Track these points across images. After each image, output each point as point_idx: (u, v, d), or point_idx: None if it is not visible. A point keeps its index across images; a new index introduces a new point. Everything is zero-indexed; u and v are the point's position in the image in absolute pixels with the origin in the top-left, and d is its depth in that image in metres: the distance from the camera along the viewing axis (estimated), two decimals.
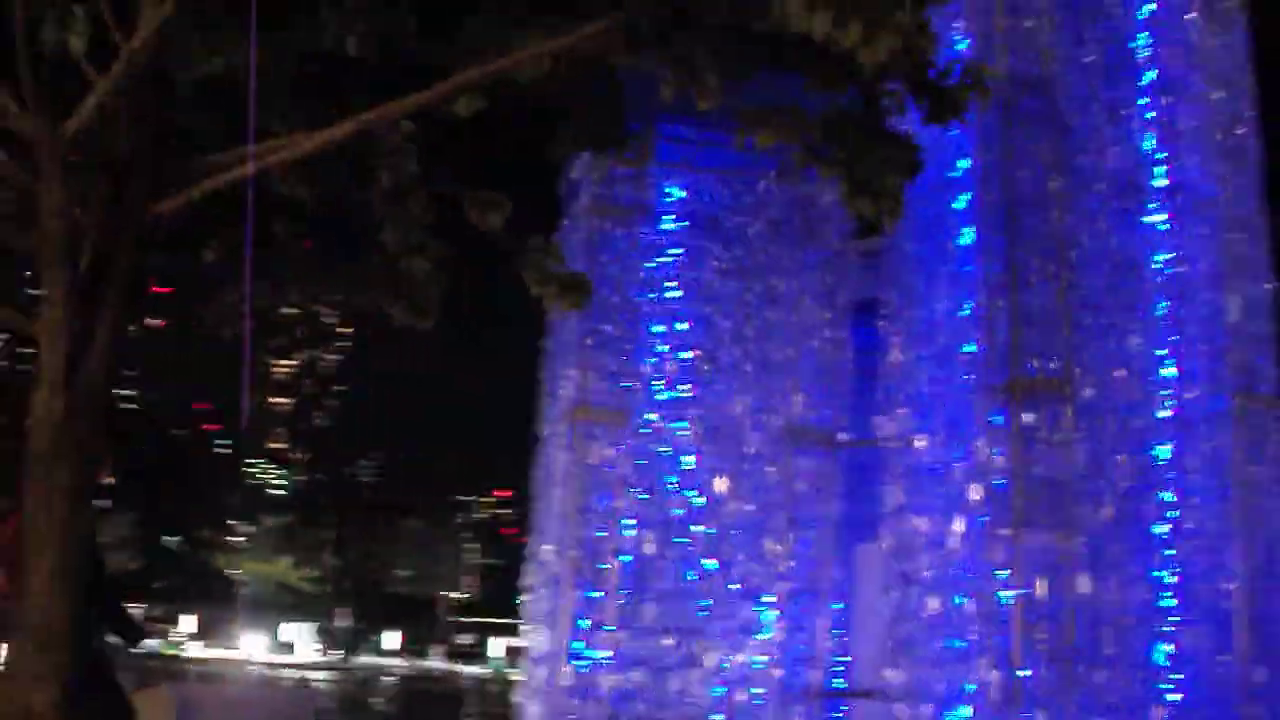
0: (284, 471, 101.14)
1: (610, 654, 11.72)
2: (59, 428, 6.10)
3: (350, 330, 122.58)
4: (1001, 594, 10.05)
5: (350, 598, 64.25)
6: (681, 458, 12.19)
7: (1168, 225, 10.53)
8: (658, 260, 12.37)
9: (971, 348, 10.67)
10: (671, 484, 12.10)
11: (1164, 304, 10.47)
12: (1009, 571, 10.05)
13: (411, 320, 8.13)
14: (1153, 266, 10.52)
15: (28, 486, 6.07)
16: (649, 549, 11.91)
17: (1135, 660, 10.03)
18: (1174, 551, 10.13)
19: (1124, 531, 10.14)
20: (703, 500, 12.10)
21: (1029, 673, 9.91)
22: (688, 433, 12.19)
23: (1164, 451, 10.26)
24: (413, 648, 66.57)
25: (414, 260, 7.93)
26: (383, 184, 7.89)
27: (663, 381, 12.26)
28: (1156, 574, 10.11)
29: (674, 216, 12.52)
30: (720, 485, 12.09)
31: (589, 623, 11.67)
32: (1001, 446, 10.24)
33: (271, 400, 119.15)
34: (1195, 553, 10.14)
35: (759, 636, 12.00)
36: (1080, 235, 10.55)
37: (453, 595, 79.19)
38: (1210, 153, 10.70)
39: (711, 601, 11.96)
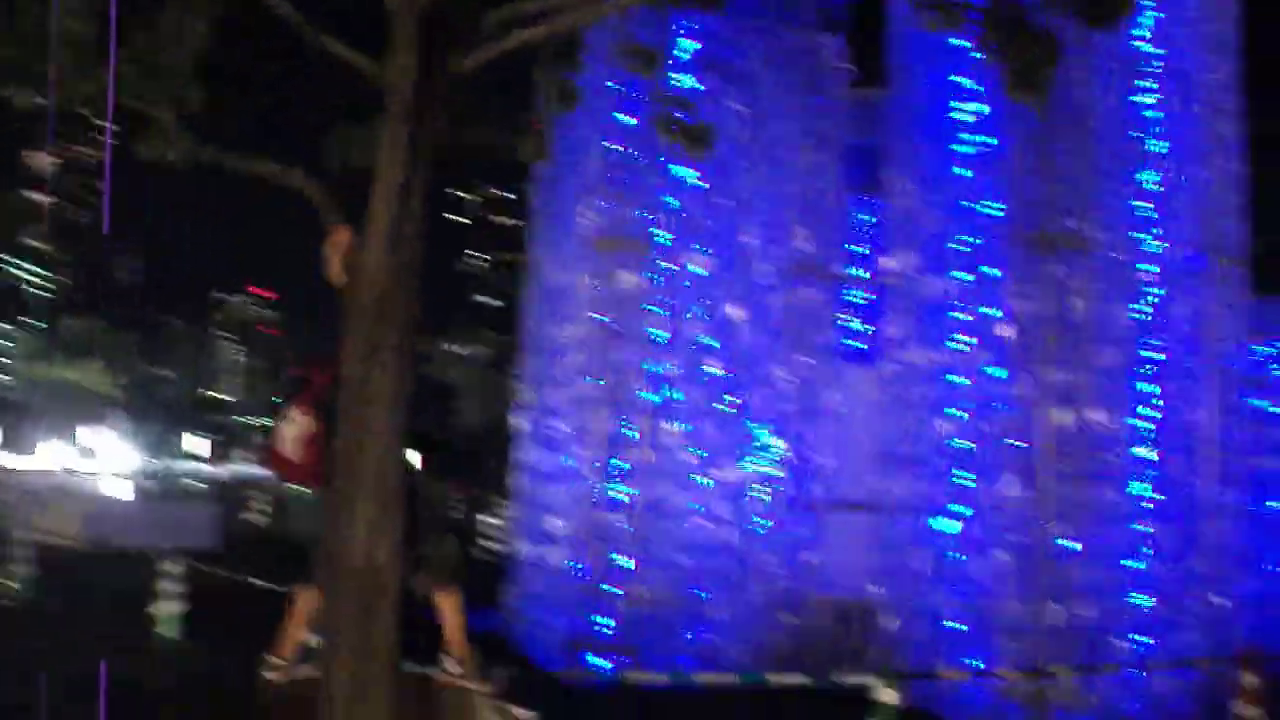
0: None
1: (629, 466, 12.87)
2: (390, 287, 6.57)
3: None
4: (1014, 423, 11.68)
5: (153, 402, 62.45)
6: (697, 285, 13.16)
7: (1156, 103, 12.07)
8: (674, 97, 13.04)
9: (993, 204, 11.98)
10: (692, 312, 13.07)
11: (1155, 175, 12.05)
12: (1033, 402, 11.69)
13: None
14: (1148, 142, 12.07)
15: (351, 344, 6.50)
16: (674, 370, 12.95)
17: (1122, 473, 11.82)
18: (1158, 388, 11.90)
19: (1120, 371, 11.79)
20: (715, 327, 13.15)
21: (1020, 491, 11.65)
22: (703, 262, 13.13)
23: (1151, 303, 11.95)
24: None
25: None
26: None
27: (681, 215, 13.12)
28: (1142, 409, 11.89)
29: (688, 57, 13.18)
30: (733, 312, 13.16)
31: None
32: (1032, 291, 11.78)
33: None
34: (1174, 389, 11.94)
35: (763, 452, 13.26)
36: (1087, 110, 11.85)
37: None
38: (1199, 44, 12.23)
39: (725, 422, 13.13)
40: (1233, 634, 11.95)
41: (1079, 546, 11.44)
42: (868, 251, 13.95)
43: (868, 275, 13.75)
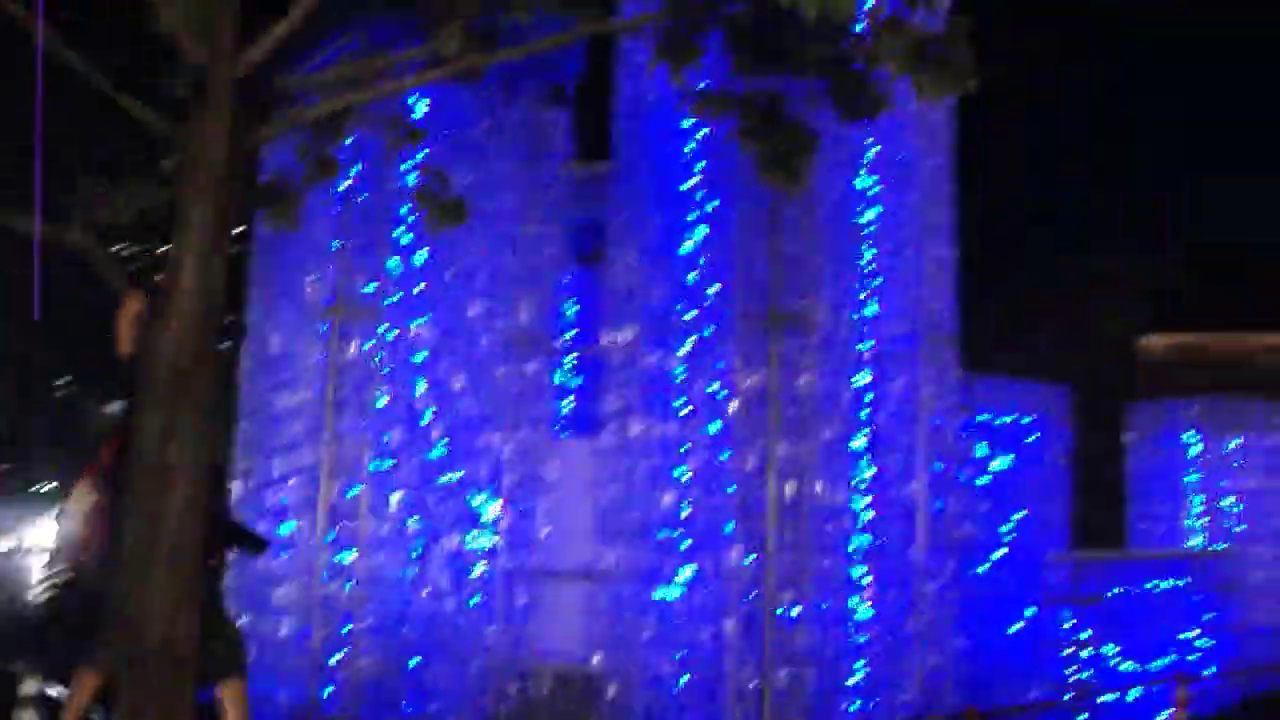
0: None
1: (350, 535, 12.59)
2: (191, 366, 6.42)
3: None
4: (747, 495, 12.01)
5: None
6: (421, 357, 13.00)
7: (877, 189, 12.69)
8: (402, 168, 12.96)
9: (717, 281, 12.33)
10: (414, 382, 12.90)
11: (873, 257, 12.66)
12: (758, 474, 12.02)
13: None
14: (864, 224, 12.67)
15: (149, 421, 6.34)
16: (395, 440, 12.74)
17: (842, 542, 12.24)
18: (874, 463, 12.44)
19: (841, 444, 12.27)
20: (438, 397, 13.01)
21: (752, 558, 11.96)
22: (428, 333, 13.00)
23: (866, 378, 12.51)
24: None
25: None
26: None
27: (407, 285, 12.97)
28: (860, 481, 12.39)
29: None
30: (455, 382, 13.06)
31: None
32: (757, 366, 12.13)
33: None
34: (890, 461, 12.51)
35: (478, 520, 13.16)
36: (813, 194, 12.34)
37: None
38: (915, 132, 12.96)
39: (446, 492, 12.96)
40: (944, 691, 12.59)
41: (800, 612, 11.85)
42: (589, 326, 14.06)
43: (590, 349, 13.85)
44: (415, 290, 13.00)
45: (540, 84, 13.60)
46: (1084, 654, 14.30)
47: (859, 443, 12.35)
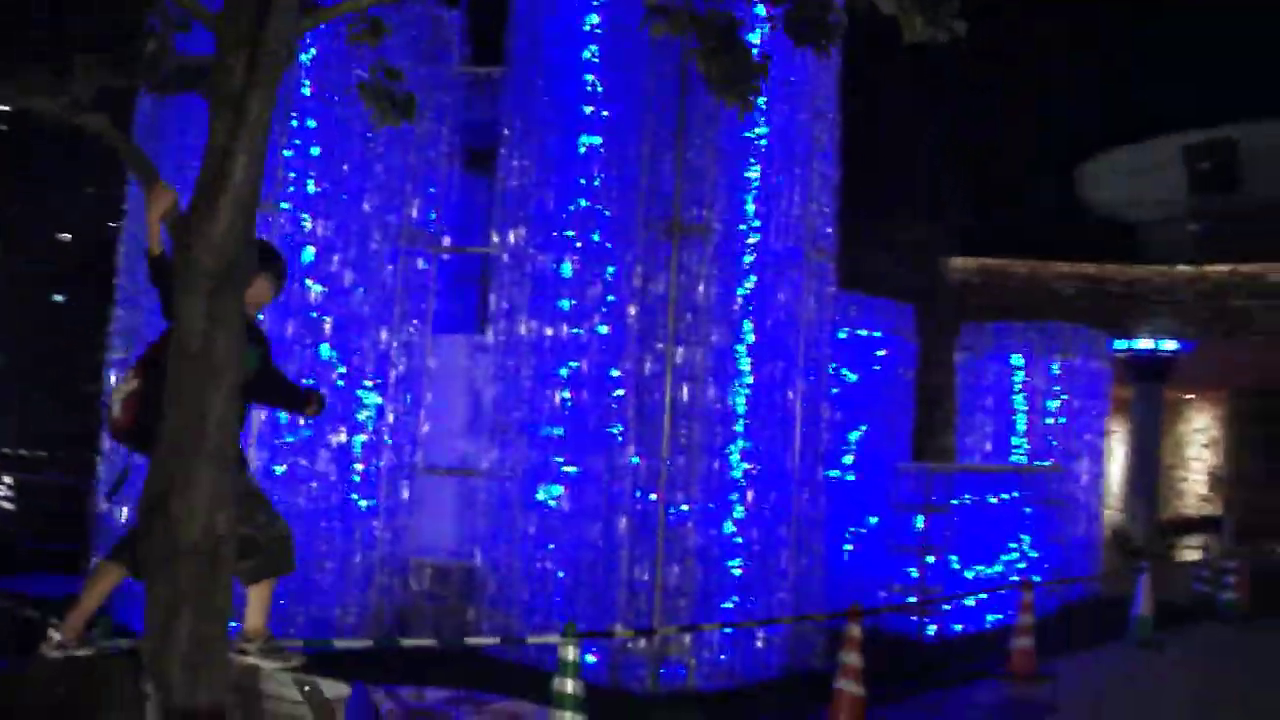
0: None
1: None
2: (238, 255, 6.42)
3: None
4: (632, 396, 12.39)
5: None
6: (311, 252, 12.92)
7: (767, 109, 13.09)
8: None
9: (616, 189, 12.59)
10: (309, 277, 12.82)
11: (758, 168, 13.06)
12: (653, 376, 12.41)
13: None
14: (756, 141, 13.05)
15: (190, 312, 6.26)
16: (288, 332, 12.66)
17: (725, 446, 12.73)
18: (753, 374, 12.93)
19: (728, 350, 12.71)
20: (330, 294, 12.97)
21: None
22: (321, 227, 12.92)
23: (751, 287, 12.96)
24: None
25: None
26: None
27: (303, 180, 12.85)
28: (742, 387, 12.87)
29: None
30: (347, 278, 13.04)
31: None
32: (653, 272, 12.47)
33: None
34: (771, 369, 13.01)
35: (363, 417, 13.21)
36: (715, 109, 12.67)
37: None
38: (805, 57, 13.34)
39: (334, 389, 12.96)
40: (814, 592, 13.25)
41: (689, 511, 12.32)
42: (478, 226, 14.17)
43: (477, 249, 13.99)
44: (309, 185, 12.89)
45: None
46: (930, 559, 15.14)
47: (743, 351, 12.80)
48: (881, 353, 16.78)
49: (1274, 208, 26.03)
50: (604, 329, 12.54)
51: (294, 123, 12.80)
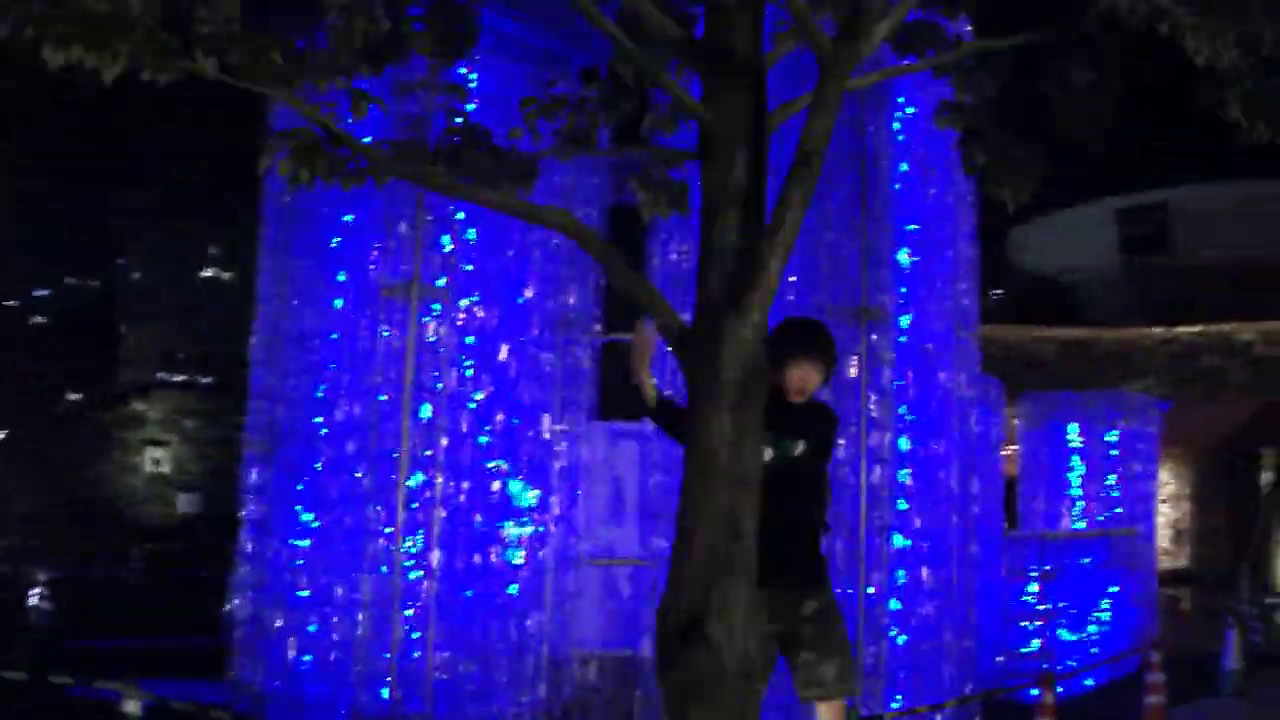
0: None
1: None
2: (759, 347, 6.28)
3: None
4: None
5: None
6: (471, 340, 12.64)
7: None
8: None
9: None
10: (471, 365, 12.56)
11: (909, 253, 13.28)
12: (858, 462, 12.47)
13: None
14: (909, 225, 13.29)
15: (720, 419, 6.06)
16: (464, 427, 12.37)
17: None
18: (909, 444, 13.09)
19: (894, 437, 12.84)
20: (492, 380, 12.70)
21: None
22: (483, 314, 12.66)
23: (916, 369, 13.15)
24: None
25: None
26: None
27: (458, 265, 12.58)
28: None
29: None
30: (513, 369, 12.79)
31: None
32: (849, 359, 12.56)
33: None
34: (929, 444, 13.18)
35: (527, 507, 12.93)
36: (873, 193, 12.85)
37: None
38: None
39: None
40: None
41: (874, 595, 12.35)
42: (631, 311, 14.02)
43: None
44: (465, 268, 12.61)
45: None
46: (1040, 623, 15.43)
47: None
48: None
49: (1206, 269, 27.25)
50: None
51: (450, 206, 12.50)
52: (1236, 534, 24.26)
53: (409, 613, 11.93)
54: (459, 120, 7.57)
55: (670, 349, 6.63)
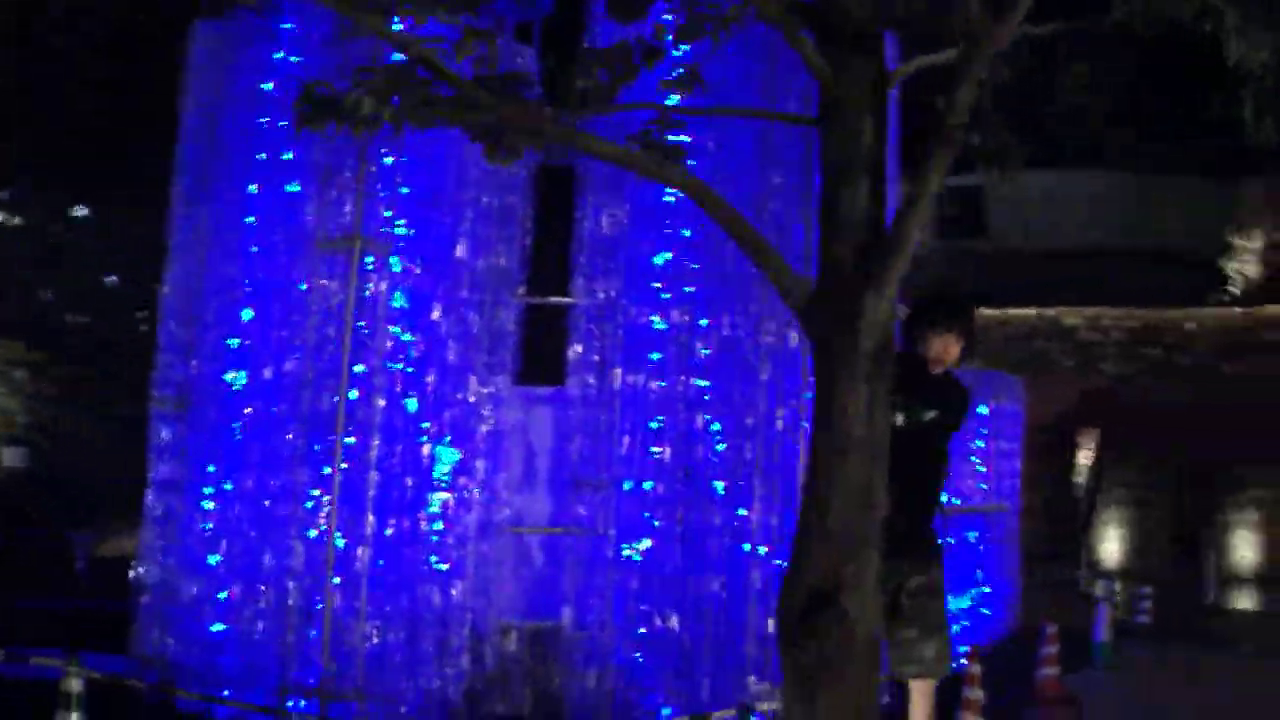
0: None
1: None
2: (889, 334, 6.26)
3: None
4: None
5: None
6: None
7: None
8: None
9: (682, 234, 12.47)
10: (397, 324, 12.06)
11: None
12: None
13: None
14: None
15: (857, 390, 5.95)
16: (399, 388, 11.87)
17: None
18: None
19: None
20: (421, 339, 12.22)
21: None
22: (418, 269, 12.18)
23: None
24: None
25: None
26: None
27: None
28: None
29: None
30: (443, 328, 12.32)
31: None
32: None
33: None
34: None
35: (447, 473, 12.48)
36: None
37: None
38: None
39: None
40: None
41: None
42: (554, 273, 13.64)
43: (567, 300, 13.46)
44: (399, 225, 12.10)
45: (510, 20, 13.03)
46: None
47: None
48: None
49: (1018, 253, 28.16)
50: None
51: (388, 159, 11.96)
52: (1058, 513, 25.19)
53: (338, 581, 11.43)
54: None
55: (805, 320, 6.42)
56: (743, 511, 12.33)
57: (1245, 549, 25.09)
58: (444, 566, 12.22)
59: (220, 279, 12.53)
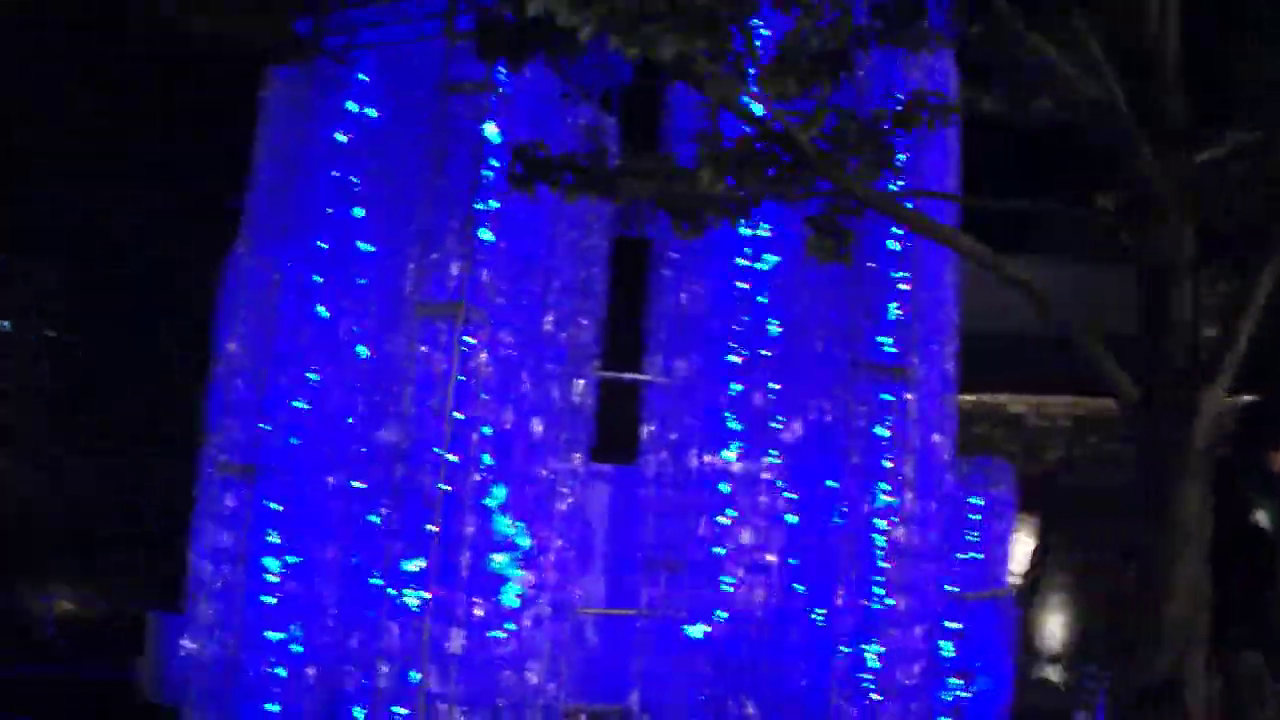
0: None
1: None
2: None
3: None
4: None
5: None
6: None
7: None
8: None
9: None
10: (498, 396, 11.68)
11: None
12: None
13: None
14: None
15: (1194, 489, 6.16)
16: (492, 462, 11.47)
17: None
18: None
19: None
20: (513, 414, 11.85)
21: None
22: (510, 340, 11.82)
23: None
24: None
25: None
26: None
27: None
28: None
29: None
30: (529, 402, 11.98)
31: None
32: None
33: None
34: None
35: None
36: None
37: None
38: None
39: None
40: None
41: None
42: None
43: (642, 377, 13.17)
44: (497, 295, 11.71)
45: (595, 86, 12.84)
46: None
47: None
48: None
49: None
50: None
51: (484, 232, 11.58)
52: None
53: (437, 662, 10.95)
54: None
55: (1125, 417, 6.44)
56: (821, 605, 12.21)
57: None
58: (516, 648, 11.77)
59: (296, 338, 11.97)
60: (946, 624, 13.53)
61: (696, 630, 12.27)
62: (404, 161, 11.84)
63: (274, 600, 11.61)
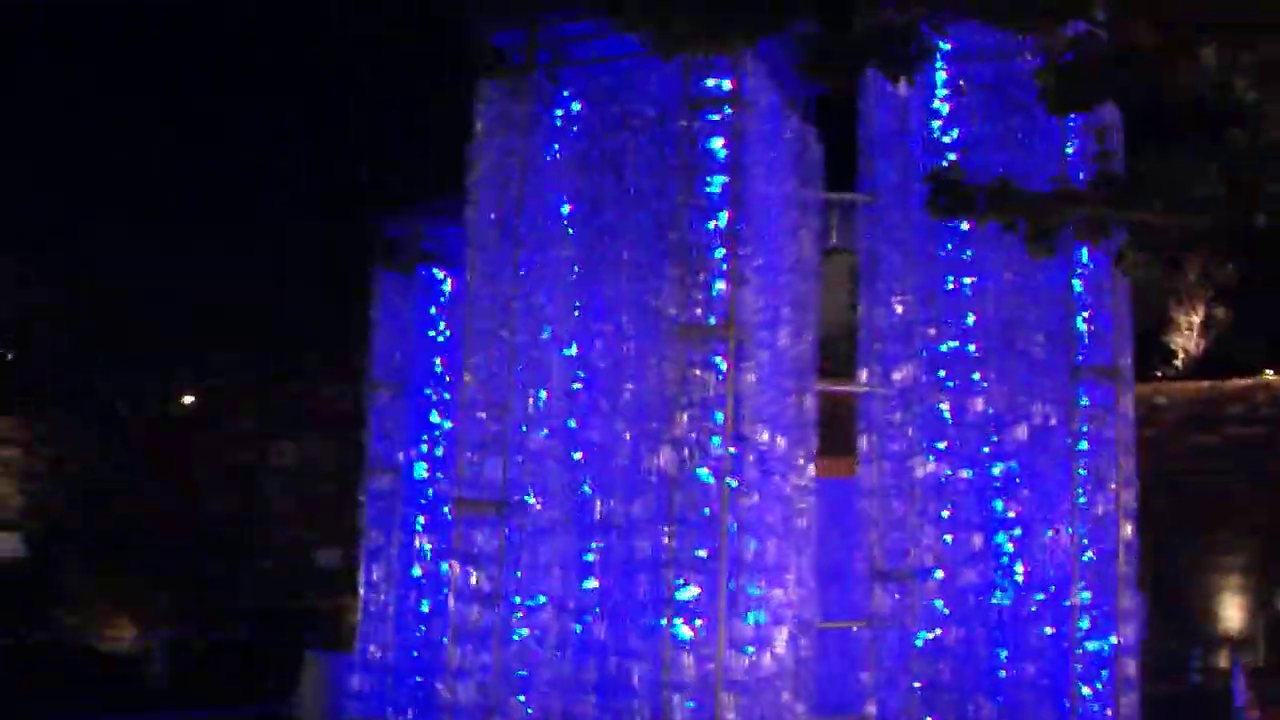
0: None
1: None
2: None
3: None
4: None
5: None
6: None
7: None
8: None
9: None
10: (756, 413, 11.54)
11: None
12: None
13: None
14: None
15: None
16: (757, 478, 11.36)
17: None
18: None
19: None
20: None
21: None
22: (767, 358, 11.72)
23: None
24: None
25: None
26: None
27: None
28: None
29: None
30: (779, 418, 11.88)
31: None
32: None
33: None
34: None
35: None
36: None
37: None
38: None
39: None
40: None
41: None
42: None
43: (859, 387, 13.09)
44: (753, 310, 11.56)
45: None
46: None
47: None
48: None
49: None
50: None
51: (747, 247, 11.34)
52: None
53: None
54: None
55: None
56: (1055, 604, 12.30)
57: None
58: (775, 668, 11.70)
59: (538, 367, 11.66)
60: None
61: (930, 637, 12.35)
62: (639, 177, 11.61)
63: (527, 634, 11.34)
